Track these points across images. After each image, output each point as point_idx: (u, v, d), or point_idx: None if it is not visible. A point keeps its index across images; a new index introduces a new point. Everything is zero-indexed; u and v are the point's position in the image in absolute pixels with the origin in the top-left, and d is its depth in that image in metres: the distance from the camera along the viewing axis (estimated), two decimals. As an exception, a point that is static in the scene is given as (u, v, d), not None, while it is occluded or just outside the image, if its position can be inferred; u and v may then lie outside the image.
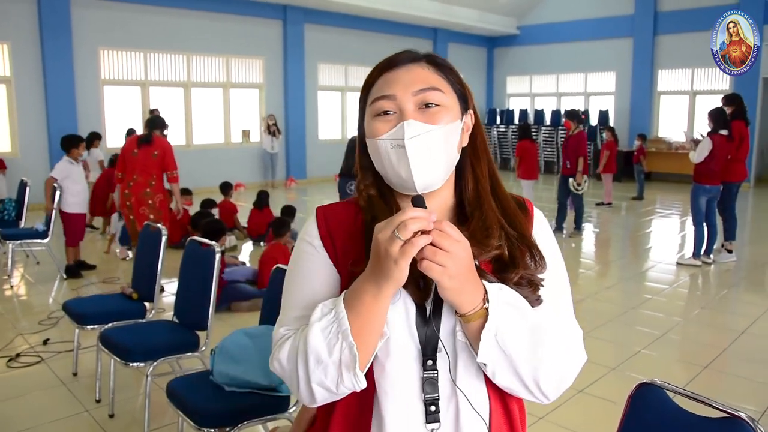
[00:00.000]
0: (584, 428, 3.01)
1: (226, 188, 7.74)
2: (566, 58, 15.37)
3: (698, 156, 6.00)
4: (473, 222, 0.99)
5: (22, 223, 6.24)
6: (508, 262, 0.97)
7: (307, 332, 0.93)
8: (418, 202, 0.89)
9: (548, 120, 15.30)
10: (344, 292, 0.94)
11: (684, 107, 13.71)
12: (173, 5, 10.64)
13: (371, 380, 0.96)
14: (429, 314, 0.96)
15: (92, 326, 3.27)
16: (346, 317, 0.91)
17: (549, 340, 0.93)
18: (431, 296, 0.97)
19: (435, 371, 0.96)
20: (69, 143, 5.72)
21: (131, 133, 7.33)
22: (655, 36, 13.78)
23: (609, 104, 14.79)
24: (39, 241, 5.71)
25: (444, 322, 0.96)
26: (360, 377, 0.91)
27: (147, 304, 3.43)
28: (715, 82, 13.13)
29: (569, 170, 7.67)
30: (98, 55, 10.08)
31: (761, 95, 12.26)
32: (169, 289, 5.18)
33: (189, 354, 2.95)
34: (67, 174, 5.61)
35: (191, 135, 11.51)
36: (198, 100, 11.55)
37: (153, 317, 3.43)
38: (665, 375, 3.62)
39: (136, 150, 5.29)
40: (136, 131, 7.47)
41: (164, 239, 3.36)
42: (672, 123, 13.91)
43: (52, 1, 9.27)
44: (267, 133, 12.03)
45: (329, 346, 0.91)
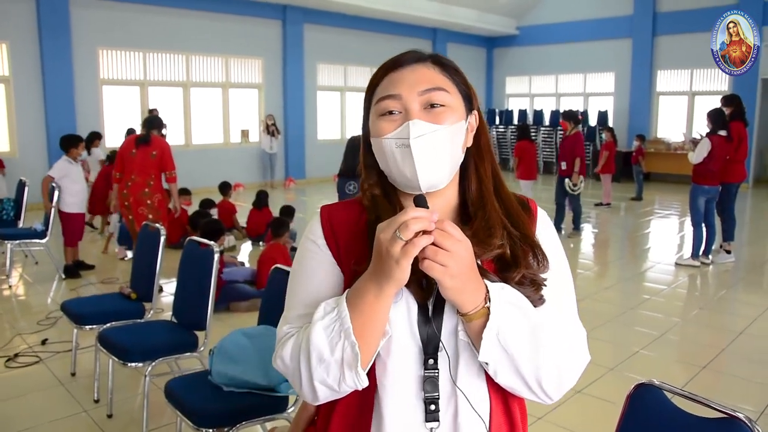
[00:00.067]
0: (583, 428, 3.01)
1: (225, 188, 7.74)
2: (565, 59, 15.38)
3: (697, 157, 6.01)
4: (476, 222, 0.99)
5: (21, 223, 6.23)
6: (510, 262, 0.97)
7: (310, 331, 0.94)
8: (420, 202, 0.89)
9: (547, 120, 15.31)
10: (347, 291, 0.95)
11: (683, 108, 13.73)
12: (172, 5, 10.64)
13: (373, 378, 0.97)
14: (430, 314, 0.97)
15: (91, 326, 3.26)
16: (349, 316, 0.91)
17: (551, 340, 0.93)
18: (433, 296, 0.97)
19: (436, 370, 0.96)
20: (68, 143, 5.72)
21: (131, 133, 7.33)
22: (654, 37, 13.79)
23: (608, 105, 14.80)
24: (37, 241, 5.70)
25: (446, 322, 0.96)
26: (362, 376, 0.92)
27: (145, 304, 3.43)
28: (714, 83, 13.15)
29: (565, 171, 7.68)
30: (97, 55, 10.08)
31: (760, 96, 12.28)
32: (168, 289, 5.18)
33: (187, 354, 2.95)
34: (66, 173, 5.61)
35: (190, 135, 11.51)
36: (197, 100, 11.54)
37: (151, 317, 3.42)
38: (664, 375, 3.62)
39: (135, 150, 5.29)
40: (136, 131, 7.46)
41: (163, 239, 3.36)
42: (671, 124, 13.93)
43: (51, 1, 9.26)
44: (266, 134, 12.03)
45: (331, 345, 0.92)
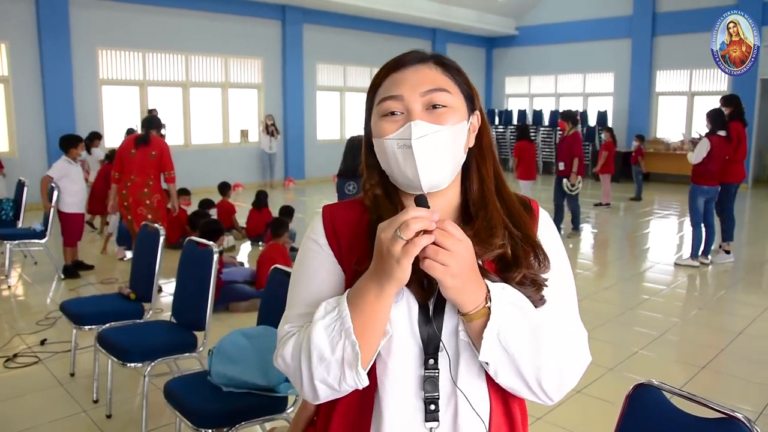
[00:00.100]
0: (582, 428, 3.01)
1: (225, 188, 7.74)
2: (565, 59, 15.39)
3: (696, 157, 6.01)
4: (477, 221, 1.00)
5: (20, 223, 6.23)
6: (512, 262, 0.97)
7: (311, 330, 0.94)
8: (421, 202, 0.89)
9: (547, 120, 15.30)
10: (348, 291, 0.95)
11: (682, 108, 13.73)
12: (171, 5, 10.63)
13: (373, 378, 0.97)
14: (431, 313, 0.97)
15: (90, 326, 3.26)
16: (349, 315, 0.91)
17: (552, 340, 0.93)
18: (434, 295, 0.97)
19: (436, 370, 0.96)
20: (68, 143, 5.71)
21: (131, 133, 7.33)
22: (654, 37, 13.80)
23: (607, 105, 14.80)
24: (37, 241, 5.70)
25: (447, 321, 0.97)
26: (362, 375, 0.92)
27: (145, 305, 3.43)
28: (713, 83, 13.15)
29: (563, 171, 7.69)
30: (96, 55, 10.07)
31: (759, 96, 12.29)
32: (167, 290, 5.18)
33: (186, 354, 2.95)
34: (65, 173, 5.61)
35: (189, 135, 11.50)
36: (196, 100, 11.54)
37: (151, 317, 3.42)
38: (663, 375, 3.63)
39: (134, 150, 5.29)
40: (136, 131, 7.46)
41: (162, 239, 3.36)
42: (670, 124, 13.93)
43: (51, 1, 9.26)
44: (265, 134, 12.03)
45: (332, 344, 0.92)
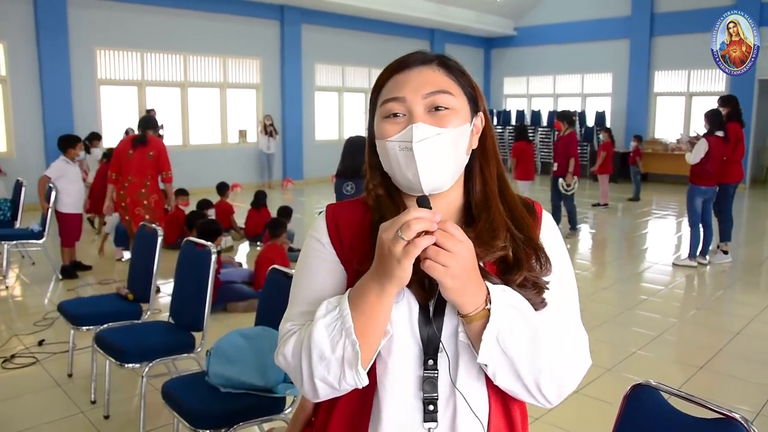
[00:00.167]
0: (579, 429, 3.02)
1: (223, 189, 7.73)
2: (563, 60, 15.40)
3: (694, 157, 6.02)
4: (480, 223, 0.99)
5: (18, 224, 6.22)
6: (513, 264, 0.97)
7: (312, 328, 0.94)
8: (423, 203, 0.90)
9: (545, 121, 15.31)
10: (349, 290, 0.95)
11: (680, 108, 13.75)
12: (170, 5, 10.62)
13: (373, 377, 0.97)
14: (431, 314, 0.97)
15: (88, 327, 3.26)
16: (350, 315, 0.91)
17: (551, 343, 0.93)
18: (435, 297, 0.97)
19: (435, 371, 0.96)
20: (66, 143, 5.70)
21: (130, 133, 7.33)
22: (652, 37, 13.81)
23: (606, 105, 14.81)
24: (34, 242, 5.69)
25: (447, 323, 0.97)
26: (362, 374, 0.92)
27: (143, 305, 3.43)
28: (712, 84, 13.18)
29: (558, 171, 7.69)
30: (95, 55, 10.06)
31: (757, 96, 12.30)
32: (165, 290, 5.17)
33: (184, 355, 2.95)
34: (63, 173, 5.60)
35: (188, 135, 11.49)
36: (195, 101, 11.52)
37: (149, 318, 3.42)
38: (661, 376, 3.64)
39: (131, 151, 5.28)
40: (135, 131, 7.46)
41: (160, 240, 3.35)
42: (668, 124, 13.95)
43: (49, 1, 9.24)
44: (264, 134, 12.02)
45: (332, 343, 0.92)
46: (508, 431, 1.01)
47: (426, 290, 0.96)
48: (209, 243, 3.00)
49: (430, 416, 0.96)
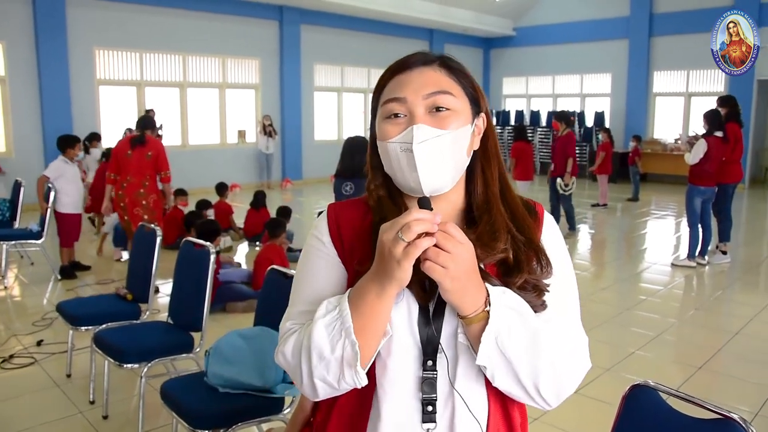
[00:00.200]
0: (578, 429, 3.02)
1: (222, 189, 7.73)
2: (562, 60, 15.41)
3: (693, 157, 6.02)
4: (481, 225, 0.99)
5: (17, 224, 6.21)
6: (513, 266, 0.97)
7: (311, 328, 0.94)
8: (424, 204, 0.90)
9: (544, 121, 15.31)
10: (349, 290, 0.95)
11: (679, 109, 13.76)
12: (169, 5, 10.62)
13: (372, 378, 0.97)
14: (430, 315, 0.97)
15: (86, 327, 3.26)
16: (350, 315, 0.92)
17: (550, 346, 0.93)
18: (435, 298, 0.97)
19: (434, 372, 0.96)
20: (65, 143, 5.70)
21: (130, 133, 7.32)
22: (651, 38, 13.83)
23: (605, 106, 14.82)
24: (33, 242, 5.69)
25: (446, 324, 0.97)
26: (361, 374, 0.92)
27: (141, 305, 3.42)
28: (711, 84, 13.19)
29: (555, 171, 7.70)
30: (93, 55, 10.05)
31: (756, 97, 12.32)
32: (164, 290, 5.17)
33: (183, 355, 2.95)
34: (61, 173, 5.59)
35: (187, 135, 11.49)
36: (194, 101, 11.52)
37: (147, 318, 3.42)
38: (660, 376, 3.64)
39: (130, 151, 5.28)
40: (134, 131, 7.46)
41: (159, 240, 3.35)
42: (667, 124, 13.96)
43: (48, 1, 9.24)
44: (263, 134, 12.01)
45: (332, 343, 0.92)
46: (507, 432, 1.01)
47: (426, 291, 0.96)
48: (208, 243, 3.01)
49: (429, 417, 0.96)
